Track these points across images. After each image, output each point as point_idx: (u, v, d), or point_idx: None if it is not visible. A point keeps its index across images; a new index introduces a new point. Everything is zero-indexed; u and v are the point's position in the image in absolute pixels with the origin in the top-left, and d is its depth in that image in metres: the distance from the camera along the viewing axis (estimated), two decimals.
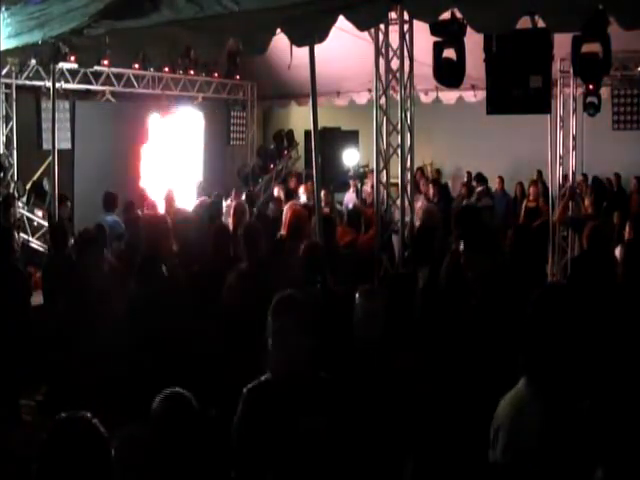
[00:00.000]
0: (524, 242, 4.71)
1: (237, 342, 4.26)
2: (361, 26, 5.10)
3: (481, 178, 12.73)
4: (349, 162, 10.84)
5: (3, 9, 7.61)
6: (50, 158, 8.57)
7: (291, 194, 11.75)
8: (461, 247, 4.51)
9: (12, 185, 10.12)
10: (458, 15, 5.38)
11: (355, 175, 10.91)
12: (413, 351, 3.53)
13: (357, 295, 3.70)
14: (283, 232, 6.67)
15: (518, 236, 4.74)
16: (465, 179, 13.63)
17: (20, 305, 5.10)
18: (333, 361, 3.29)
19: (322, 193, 7.23)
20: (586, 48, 5.93)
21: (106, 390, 3.85)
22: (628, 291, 4.25)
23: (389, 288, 4.06)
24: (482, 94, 8.57)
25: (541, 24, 5.55)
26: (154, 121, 12.52)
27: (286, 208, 7.24)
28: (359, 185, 11.46)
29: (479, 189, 11.86)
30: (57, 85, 9.38)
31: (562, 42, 6.38)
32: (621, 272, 4.42)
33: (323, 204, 7.35)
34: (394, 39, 7.08)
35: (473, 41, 6.00)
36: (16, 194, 10.50)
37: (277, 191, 12.04)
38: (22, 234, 9.89)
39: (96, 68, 10.33)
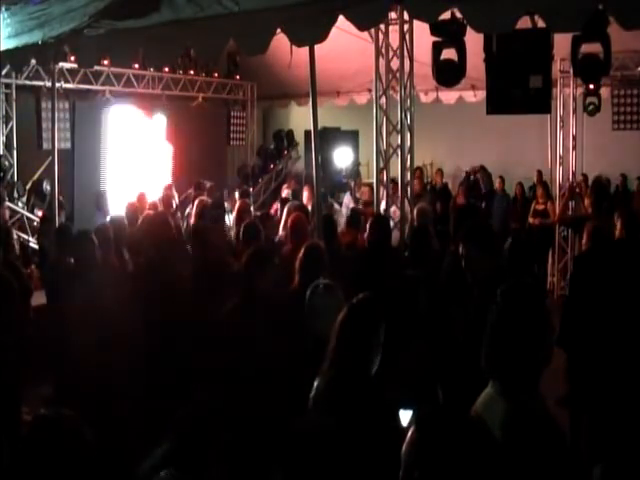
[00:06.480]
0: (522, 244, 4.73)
1: None
2: (361, 26, 5.09)
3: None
4: (342, 162, 10.82)
5: (3, 9, 7.59)
6: (50, 158, 8.57)
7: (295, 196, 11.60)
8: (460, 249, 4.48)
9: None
10: (458, 15, 5.38)
11: (348, 175, 10.86)
12: (414, 352, 3.52)
13: (308, 292, 3.73)
14: (282, 233, 6.68)
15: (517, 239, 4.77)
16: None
17: (19, 305, 5.08)
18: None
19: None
20: (586, 48, 5.94)
21: (110, 390, 3.85)
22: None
23: (392, 289, 4.02)
24: (482, 94, 8.57)
25: (541, 24, 5.56)
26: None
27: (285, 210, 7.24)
28: (352, 184, 11.31)
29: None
30: (57, 85, 9.38)
31: (562, 42, 6.38)
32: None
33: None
34: (394, 39, 7.09)
35: (473, 41, 6.01)
36: (15, 194, 10.51)
37: (285, 193, 11.82)
38: (22, 234, 9.88)
39: (96, 68, 10.33)
